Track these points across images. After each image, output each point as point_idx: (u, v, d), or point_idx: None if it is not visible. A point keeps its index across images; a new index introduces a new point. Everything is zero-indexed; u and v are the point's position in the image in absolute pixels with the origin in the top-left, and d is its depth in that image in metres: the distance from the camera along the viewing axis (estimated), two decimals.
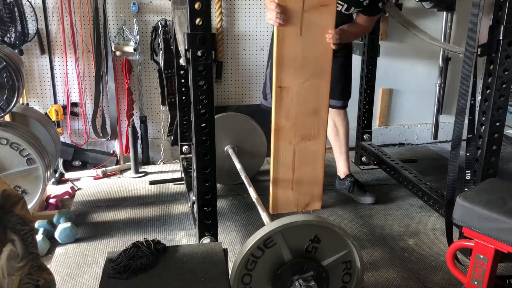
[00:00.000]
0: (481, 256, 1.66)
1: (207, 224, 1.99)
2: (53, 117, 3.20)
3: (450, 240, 2.02)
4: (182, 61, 1.83)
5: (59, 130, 3.15)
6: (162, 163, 3.56)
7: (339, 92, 2.79)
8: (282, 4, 1.98)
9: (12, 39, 2.89)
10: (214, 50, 1.78)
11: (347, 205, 2.86)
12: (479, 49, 2.03)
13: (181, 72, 3.07)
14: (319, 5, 2.02)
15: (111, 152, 3.50)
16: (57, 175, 3.19)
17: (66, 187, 3.07)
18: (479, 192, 1.73)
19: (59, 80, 3.30)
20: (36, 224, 2.39)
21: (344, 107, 2.88)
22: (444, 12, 3.72)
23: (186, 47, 1.76)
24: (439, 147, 4.03)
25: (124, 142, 3.45)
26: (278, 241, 1.63)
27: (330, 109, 2.88)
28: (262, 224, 1.93)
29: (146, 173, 3.36)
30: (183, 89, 3.10)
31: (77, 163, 3.37)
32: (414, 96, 3.99)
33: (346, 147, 2.98)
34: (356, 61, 2.99)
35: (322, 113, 2.17)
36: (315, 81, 2.12)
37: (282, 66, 2.08)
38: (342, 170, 3.01)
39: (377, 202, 2.85)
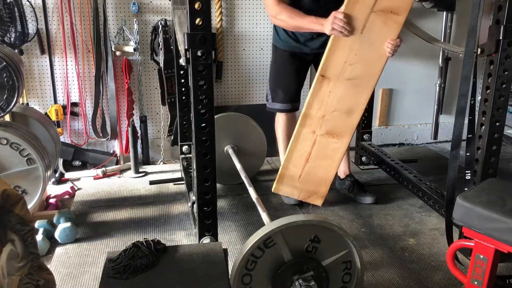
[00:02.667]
0: (481, 256, 1.66)
1: (207, 224, 1.99)
2: (53, 117, 3.20)
3: (450, 240, 2.02)
4: (182, 61, 1.83)
5: (59, 130, 3.15)
6: (162, 163, 3.56)
7: None
8: (349, 14, 1.95)
9: (12, 39, 2.89)
10: (214, 50, 1.78)
11: (347, 205, 2.86)
12: (479, 49, 2.03)
13: (181, 72, 3.07)
14: (390, 11, 1.98)
15: (111, 152, 3.50)
16: (57, 175, 3.19)
17: (66, 187, 3.07)
18: (479, 192, 1.73)
19: (59, 80, 3.30)
20: (36, 224, 2.39)
21: None
22: (444, 12, 3.72)
23: (186, 47, 1.75)
24: (439, 147, 4.03)
25: (124, 142, 3.45)
26: (278, 241, 1.63)
27: None
28: (262, 224, 1.93)
29: (146, 173, 3.36)
30: (183, 89, 3.10)
31: (77, 163, 3.37)
32: (414, 96, 3.99)
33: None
34: None
35: (355, 115, 2.12)
36: (360, 82, 2.07)
37: (332, 55, 2.03)
38: (342, 170, 3.01)
39: (377, 202, 2.85)
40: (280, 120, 2.89)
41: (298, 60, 2.74)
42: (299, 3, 2.45)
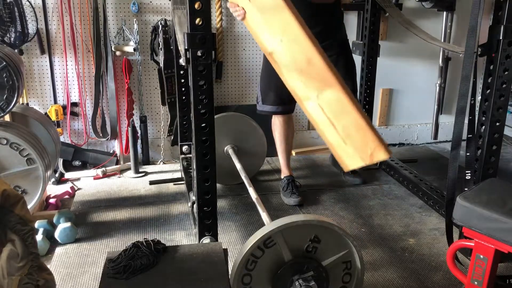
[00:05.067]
0: (481, 256, 1.66)
1: (207, 224, 1.99)
2: (53, 117, 3.20)
3: (450, 240, 2.02)
4: (182, 61, 1.83)
5: (59, 130, 3.15)
6: (162, 163, 3.56)
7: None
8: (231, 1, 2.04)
9: (12, 39, 2.89)
10: (214, 50, 1.78)
11: (347, 205, 2.86)
12: (479, 49, 2.03)
13: (181, 72, 3.07)
14: None
15: (111, 152, 3.50)
16: (57, 175, 3.19)
17: (66, 187, 3.07)
18: (479, 192, 1.73)
19: (59, 80, 3.30)
20: (36, 224, 2.39)
21: None
22: (444, 12, 3.72)
23: (186, 47, 1.76)
24: (439, 147, 4.03)
25: (124, 142, 3.45)
26: (278, 241, 1.63)
27: None
28: (262, 224, 1.93)
29: (146, 173, 3.36)
30: (183, 89, 3.10)
31: (77, 163, 3.37)
32: (414, 96, 3.99)
33: None
34: (356, 61, 2.99)
35: (315, 60, 2.08)
36: (289, 34, 2.08)
37: (256, 35, 2.12)
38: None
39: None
40: (277, 122, 2.89)
41: None
42: None
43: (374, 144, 2.05)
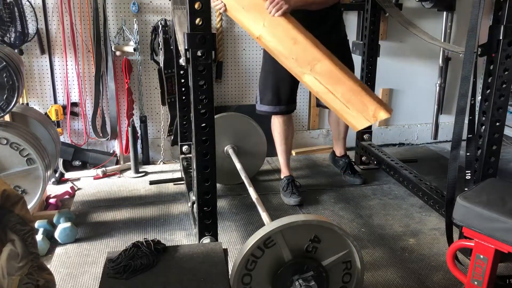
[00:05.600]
0: (481, 256, 1.66)
1: (207, 224, 1.99)
2: (53, 117, 3.20)
3: (450, 240, 2.02)
4: (182, 61, 1.83)
5: (59, 130, 3.15)
6: (162, 163, 3.56)
7: None
8: None
9: (12, 39, 2.89)
10: (214, 50, 1.78)
11: (347, 205, 2.86)
12: (479, 49, 2.03)
13: (181, 72, 3.07)
14: None
15: (111, 152, 3.50)
16: (57, 175, 3.19)
17: (66, 187, 3.07)
18: (479, 192, 1.73)
19: (59, 80, 3.30)
20: (36, 224, 2.39)
21: None
22: (444, 12, 3.72)
23: (186, 47, 1.76)
24: (439, 147, 4.03)
25: (124, 142, 3.45)
26: (278, 241, 1.63)
27: None
28: (262, 224, 1.93)
29: (146, 173, 3.36)
30: (183, 89, 3.10)
31: (77, 163, 3.37)
32: (414, 96, 3.99)
33: (344, 134, 3.21)
34: (356, 61, 2.99)
35: (298, 39, 2.22)
36: (272, 19, 2.23)
37: (242, 24, 2.29)
38: (338, 150, 3.24)
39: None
40: (276, 122, 2.88)
41: None
42: None
43: (373, 106, 2.23)
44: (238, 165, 2.71)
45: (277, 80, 2.76)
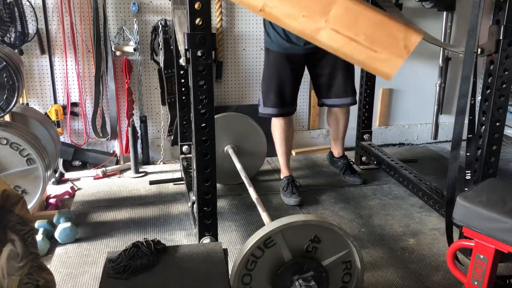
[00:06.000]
0: (481, 256, 1.66)
1: (207, 224, 1.99)
2: (53, 117, 3.20)
3: (450, 240, 2.02)
4: (182, 61, 1.83)
5: (59, 130, 3.15)
6: (162, 163, 3.56)
7: (349, 89, 2.90)
8: None
9: (12, 39, 2.89)
10: (214, 50, 1.78)
11: (347, 205, 2.86)
12: (479, 49, 2.02)
13: (181, 72, 3.07)
14: None
15: (111, 152, 3.50)
16: (57, 175, 3.19)
17: (66, 187, 3.07)
18: (479, 192, 1.73)
19: (59, 80, 3.30)
20: (36, 224, 2.39)
21: (354, 102, 2.99)
22: (444, 12, 3.72)
23: (186, 47, 1.76)
24: (439, 147, 4.03)
25: (124, 142, 3.45)
26: (278, 241, 1.63)
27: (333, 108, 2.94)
28: (262, 224, 1.93)
29: (146, 173, 3.36)
30: (183, 89, 3.10)
31: (77, 163, 3.37)
32: (414, 96, 3.99)
33: (343, 134, 3.19)
34: None
35: None
36: None
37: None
38: (337, 151, 3.22)
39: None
40: (277, 124, 2.88)
41: (292, 62, 2.73)
42: None
43: (403, 32, 1.95)
44: (238, 165, 2.71)
45: (280, 82, 2.76)
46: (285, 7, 2.02)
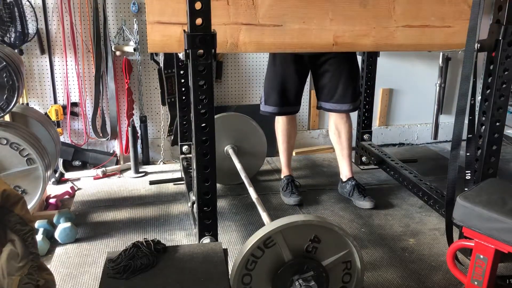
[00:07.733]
0: (481, 256, 1.66)
1: (207, 224, 1.99)
2: (53, 117, 3.21)
3: (450, 240, 2.02)
4: (181, 56, 1.83)
5: (59, 130, 3.15)
6: (162, 163, 3.56)
7: (349, 96, 2.75)
8: None
9: (12, 39, 2.89)
10: (214, 50, 1.78)
11: (347, 205, 2.86)
12: (478, 45, 2.00)
13: (181, 72, 3.06)
14: None
15: (111, 152, 3.50)
16: (57, 175, 3.19)
17: (66, 187, 3.07)
18: (479, 192, 1.73)
19: (59, 80, 3.30)
20: (36, 224, 2.39)
21: (353, 109, 2.83)
22: None
23: (186, 47, 1.75)
24: (439, 147, 4.03)
25: (124, 142, 3.46)
26: (278, 241, 1.63)
27: (330, 113, 2.89)
28: (262, 224, 1.93)
29: (146, 173, 3.36)
30: (183, 89, 3.09)
31: (77, 163, 3.37)
32: (414, 96, 3.99)
33: (348, 150, 2.92)
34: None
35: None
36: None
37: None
38: (344, 173, 2.95)
39: (376, 207, 2.80)
40: (280, 121, 2.89)
41: (297, 61, 2.72)
42: None
43: None
44: (238, 165, 2.71)
45: (284, 81, 2.75)
46: (354, 28, 1.90)
